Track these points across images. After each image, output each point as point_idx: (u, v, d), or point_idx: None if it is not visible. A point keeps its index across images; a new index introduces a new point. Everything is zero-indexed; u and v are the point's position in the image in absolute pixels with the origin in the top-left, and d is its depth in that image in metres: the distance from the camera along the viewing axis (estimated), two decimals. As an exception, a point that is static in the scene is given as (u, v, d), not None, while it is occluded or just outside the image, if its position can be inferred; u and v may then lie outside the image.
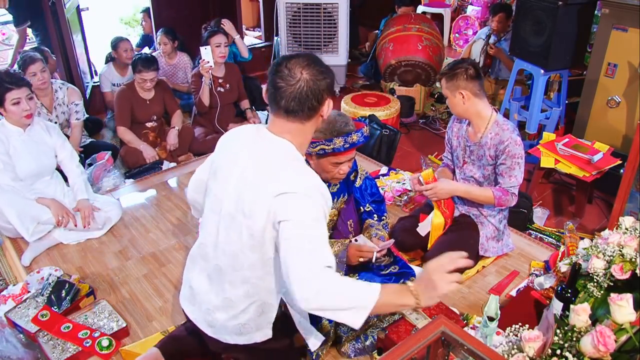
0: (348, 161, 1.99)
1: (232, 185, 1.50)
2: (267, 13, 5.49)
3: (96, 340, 2.04)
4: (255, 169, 1.46)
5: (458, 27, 6.34)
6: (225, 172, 1.54)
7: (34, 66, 3.20)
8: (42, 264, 2.57)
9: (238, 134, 1.60)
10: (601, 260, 1.81)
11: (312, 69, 1.42)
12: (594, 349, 1.36)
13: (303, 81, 1.40)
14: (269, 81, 1.46)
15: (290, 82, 1.40)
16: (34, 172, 2.69)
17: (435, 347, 1.28)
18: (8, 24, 6.01)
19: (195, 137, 3.79)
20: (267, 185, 1.42)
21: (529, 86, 4.13)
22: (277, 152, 1.46)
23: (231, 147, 1.57)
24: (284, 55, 1.47)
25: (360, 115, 3.84)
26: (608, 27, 3.28)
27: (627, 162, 2.52)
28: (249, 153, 1.50)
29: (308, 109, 1.42)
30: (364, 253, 2.03)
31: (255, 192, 1.43)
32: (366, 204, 2.28)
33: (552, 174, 3.46)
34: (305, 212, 1.38)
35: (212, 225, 1.58)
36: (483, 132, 2.33)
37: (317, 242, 1.36)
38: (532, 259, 2.54)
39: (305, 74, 1.41)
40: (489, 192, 2.34)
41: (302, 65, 1.42)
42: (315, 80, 1.42)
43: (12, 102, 2.54)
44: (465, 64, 2.26)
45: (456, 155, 2.53)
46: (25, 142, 2.66)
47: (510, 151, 2.25)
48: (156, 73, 3.54)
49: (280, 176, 1.42)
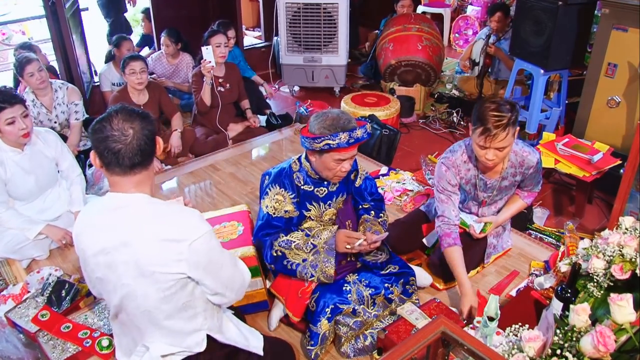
0: (350, 158, 1.99)
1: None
2: (267, 13, 5.49)
3: (96, 340, 2.03)
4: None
5: (458, 27, 6.34)
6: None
7: (31, 66, 3.18)
8: (42, 263, 2.57)
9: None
10: (601, 260, 1.81)
11: (135, 120, 1.42)
12: (594, 349, 1.36)
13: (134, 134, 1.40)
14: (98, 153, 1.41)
15: (124, 139, 1.39)
16: (33, 191, 2.61)
17: (435, 347, 1.28)
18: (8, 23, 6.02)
19: (196, 138, 3.79)
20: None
21: (529, 86, 4.13)
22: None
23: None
24: (99, 121, 1.42)
25: (360, 115, 3.84)
26: (608, 27, 3.28)
27: (627, 162, 2.52)
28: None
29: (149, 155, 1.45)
30: (352, 239, 2.03)
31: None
32: (365, 203, 2.29)
33: (552, 174, 3.46)
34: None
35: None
36: (503, 166, 2.23)
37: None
38: (532, 259, 2.54)
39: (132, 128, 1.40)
40: (522, 203, 2.42)
41: (126, 120, 1.41)
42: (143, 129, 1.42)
43: (6, 122, 2.38)
44: (501, 103, 2.03)
45: (471, 197, 2.38)
46: (23, 162, 2.53)
47: (539, 168, 2.29)
48: (144, 64, 3.44)
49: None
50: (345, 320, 2.01)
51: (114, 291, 1.51)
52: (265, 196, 2.10)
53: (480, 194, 2.33)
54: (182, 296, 1.50)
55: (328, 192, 2.13)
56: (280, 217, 2.08)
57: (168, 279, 1.45)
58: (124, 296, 1.49)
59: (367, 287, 2.09)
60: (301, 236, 2.05)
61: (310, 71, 4.90)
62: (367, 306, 2.07)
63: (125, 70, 3.42)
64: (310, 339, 2.00)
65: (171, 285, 1.46)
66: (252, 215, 2.49)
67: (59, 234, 2.60)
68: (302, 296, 2.07)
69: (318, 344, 1.98)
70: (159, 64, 4.47)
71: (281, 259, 2.04)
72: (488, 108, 2.01)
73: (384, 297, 2.11)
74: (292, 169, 2.11)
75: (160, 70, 4.48)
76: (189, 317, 1.56)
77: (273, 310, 2.20)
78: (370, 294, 2.07)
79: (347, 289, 2.06)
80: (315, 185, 2.10)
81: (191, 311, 1.55)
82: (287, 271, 2.05)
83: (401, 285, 2.16)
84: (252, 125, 4.00)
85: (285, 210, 2.08)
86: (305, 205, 2.11)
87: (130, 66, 3.38)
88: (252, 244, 2.21)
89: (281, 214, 2.08)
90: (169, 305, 1.50)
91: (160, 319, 1.52)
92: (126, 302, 1.51)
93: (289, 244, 2.04)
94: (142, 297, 1.48)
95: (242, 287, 1.67)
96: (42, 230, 2.55)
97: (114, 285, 1.49)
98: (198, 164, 3.54)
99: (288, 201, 2.08)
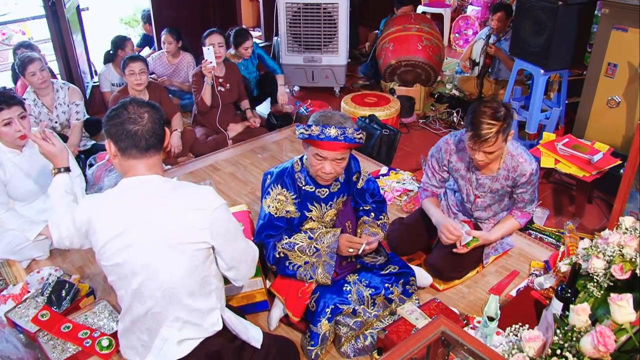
0: (333, 161, 1.95)
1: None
2: (267, 13, 5.50)
3: (96, 340, 2.04)
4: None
5: (458, 27, 6.34)
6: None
7: (33, 65, 3.19)
8: (42, 264, 2.57)
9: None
10: (601, 260, 1.81)
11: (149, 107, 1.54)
12: (594, 349, 1.36)
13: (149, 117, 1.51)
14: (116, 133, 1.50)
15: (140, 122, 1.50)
16: (33, 191, 2.61)
17: (435, 347, 1.28)
18: (8, 23, 6.02)
19: (196, 138, 3.79)
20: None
21: (529, 86, 4.13)
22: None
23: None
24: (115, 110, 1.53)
25: (360, 115, 3.84)
26: (608, 27, 3.28)
27: (627, 162, 2.52)
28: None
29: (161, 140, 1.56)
30: (354, 244, 2.03)
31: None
32: (366, 204, 2.28)
33: (552, 174, 3.46)
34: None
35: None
36: (498, 166, 2.26)
37: None
38: (532, 259, 2.54)
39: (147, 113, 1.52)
40: (515, 223, 2.40)
41: (140, 107, 1.53)
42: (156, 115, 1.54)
43: (3, 123, 2.38)
44: (496, 109, 2.05)
45: (458, 187, 2.43)
46: (22, 163, 2.53)
47: (533, 181, 2.26)
48: (143, 65, 3.44)
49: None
50: (346, 320, 2.01)
51: (134, 274, 1.54)
52: (267, 196, 2.09)
53: (468, 189, 2.37)
54: (202, 270, 1.58)
55: (329, 192, 2.12)
56: (282, 217, 2.08)
57: (192, 250, 1.53)
58: (146, 277, 1.53)
59: (367, 287, 2.09)
60: (304, 238, 2.05)
61: (310, 71, 4.90)
62: (367, 306, 2.07)
63: (125, 71, 3.42)
64: (310, 339, 2.00)
65: (194, 256, 1.54)
66: (252, 215, 2.49)
67: None
68: (302, 296, 2.07)
69: (318, 344, 1.98)
70: (160, 63, 4.47)
71: (283, 261, 2.04)
72: (482, 114, 2.04)
73: (384, 297, 2.11)
74: (294, 169, 2.11)
75: (160, 70, 4.48)
76: (206, 293, 1.62)
77: (273, 310, 2.20)
78: (370, 294, 2.07)
79: (347, 289, 2.06)
80: (316, 186, 2.10)
81: (207, 288, 1.62)
82: (288, 272, 2.06)
83: (401, 285, 2.16)
84: (252, 125, 4.00)
85: (286, 210, 2.08)
86: (306, 205, 2.11)
87: (129, 67, 3.38)
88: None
89: (283, 214, 2.08)
90: (191, 279, 1.56)
91: (183, 296, 1.57)
92: (147, 284, 1.54)
93: (292, 246, 2.04)
94: (165, 274, 1.53)
95: (253, 261, 1.76)
96: (43, 231, 2.55)
97: (133, 268, 1.53)
98: (198, 164, 3.54)
99: (290, 201, 2.08)
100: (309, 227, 2.13)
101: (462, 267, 2.37)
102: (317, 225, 2.14)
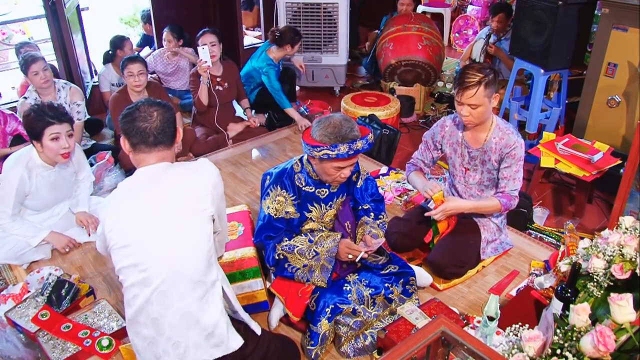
0: (350, 165, 2.00)
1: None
2: (267, 13, 5.49)
3: (96, 339, 2.04)
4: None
5: (458, 26, 6.34)
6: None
7: (36, 65, 3.19)
8: (42, 263, 2.57)
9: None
10: (601, 260, 1.81)
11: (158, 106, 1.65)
12: (594, 349, 1.36)
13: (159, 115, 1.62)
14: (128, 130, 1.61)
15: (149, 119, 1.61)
16: (49, 204, 2.63)
17: (435, 347, 1.28)
18: (8, 23, 6.02)
19: (196, 138, 3.79)
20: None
21: (529, 86, 4.13)
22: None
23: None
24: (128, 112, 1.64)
25: (360, 115, 3.84)
26: (608, 27, 3.28)
27: (627, 162, 2.52)
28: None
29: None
30: (353, 251, 2.04)
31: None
32: (365, 203, 2.28)
33: (552, 173, 3.46)
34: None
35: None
36: (486, 136, 2.31)
37: None
38: (532, 259, 2.54)
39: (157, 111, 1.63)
40: (495, 202, 2.33)
41: (151, 106, 1.64)
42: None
43: (50, 137, 2.37)
44: (484, 66, 2.18)
45: (452, 163, 2.49)
46: (50, 178, 2.54)
47: (516, 154, 2.26)
48: (142, 66, 3.42)
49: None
50: (345, 320, 2.01)
51: (159, 260, 1.57)
52: (267, 197, 2.09)
53: (458, 160, 2.44)
54: (210, 241, 1.65)
55: (329, 193, 2.13)
56: (282, 218, 2.08)
57: (204, 218, 1.62)
58: (175, 258, 1.57)
59: (367, 287, 2.09)
60: (304, 241, 2.05)
61: (310, 71, 4.90)
62: (367, 306, 2.07)
63: (124, 73, 3.43)
64: (310, 338, 2.00)
65: (207, 223, 1.63)
66: (253, 215, 2.49)
67: (62, 241, 2.61)
68: (302, 296, 2.07)
69: (318, 343, 1.98)
70: (160, 62, 4.46)
71: (282, 263, 2.05)
72: (469, 67, 2.18)
73: (384, 297, 2.11)
74: (294, 169, 2.11)
75: (161, 68, 4.47)
76: (210, 264, 1.67)
77: (273, 309, 2.20)
78: (370, 293, 2.07)
79: (347, 289, 2.06)
80: (316, 187, 2.10)
81: (211, 260, 1.68)
82: (286, 274, 2.06)
83: (401, 285, 2.16)
84: (251, 125, 4.00)
85: (286, 211, 2.08)
86: (306, 206, 2.11)
87: (128, 69, 3.38)
88: (252, 245, 2.21)
89: (282, 215, 2.08)
90: (202, 249, 1.62)
91: (191, 270, 1.60)
92: (177, 266, 1.57)
93: (291, 248, 2.04)
94: (175, 249, 1.58)
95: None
96: (46, 238, 2.56)
97: (157, 254, 1.57)
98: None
99: (289, 202, 2.08)
100: (308, 228, 2.13)
101: (463, 262, 2.37)
102: (316, 226, 2.14)
